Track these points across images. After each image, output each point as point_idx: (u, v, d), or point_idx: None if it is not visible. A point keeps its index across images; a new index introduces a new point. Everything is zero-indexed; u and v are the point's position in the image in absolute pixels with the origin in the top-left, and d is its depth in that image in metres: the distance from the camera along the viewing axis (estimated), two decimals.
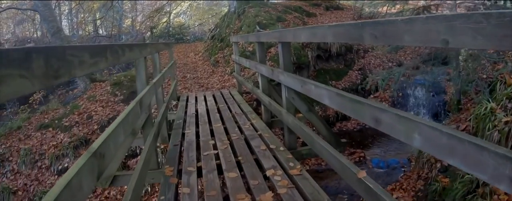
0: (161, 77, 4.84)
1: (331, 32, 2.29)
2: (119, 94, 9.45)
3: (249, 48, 10.88)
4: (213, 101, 7.25)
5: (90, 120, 8.86)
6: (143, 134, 3.83)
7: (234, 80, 9.18)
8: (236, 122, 5.46)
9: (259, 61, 5.24)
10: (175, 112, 6.85)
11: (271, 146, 4.03)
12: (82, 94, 10.95)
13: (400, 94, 11.95)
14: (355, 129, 10.92)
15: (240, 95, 7.78)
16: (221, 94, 7.99)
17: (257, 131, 4.79)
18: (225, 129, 5.12)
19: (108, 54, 2.04)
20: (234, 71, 8.99)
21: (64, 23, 29.76)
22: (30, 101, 12.76)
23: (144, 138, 3.72)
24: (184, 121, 5.83)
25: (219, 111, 6.29)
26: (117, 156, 2.94)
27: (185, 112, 6.54)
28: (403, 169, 8.15)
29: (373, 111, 1.93)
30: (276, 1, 16.39)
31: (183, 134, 5.05)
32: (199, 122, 5.61)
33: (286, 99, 3.94)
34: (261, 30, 11.19)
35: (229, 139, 4.60)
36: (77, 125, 8.92)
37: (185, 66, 13.56)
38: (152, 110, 4.30)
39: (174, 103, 7.81)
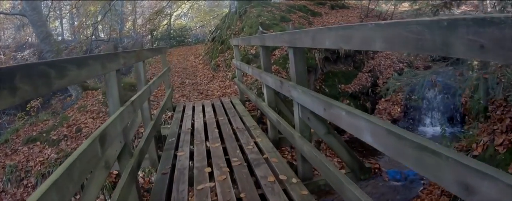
0: (146, 91, 3.97)
1: (381, 35, 1.41)
2: None
3: (251, 50, 10.01)
4: (212, 112, 6.38)
5: (79, 133, 8.00)
6: (120, 165, 2.96)
7: (236, 86, 8.30)
8: (238, 140, 4.60)
9: (264, 69, 4.36)
10: (169, 126, 5.98)
11: (281, 177, 3.17)
12: (74, 103, 10.12)
13: (413, 97, 11.07)
14: None
15: (243, 104, 6.91)
16: (221, 103, 7.13)
17: (262, 154, 3.93)
18: (225, 150, 4.26)
19: (17, 80, 1.18)
20: (235, 77, 8.15)
21: (66, 26, 29.08)
22: (27, 109, 12.06)
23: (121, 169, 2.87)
24: (178, 137, 4.97)
25: (218, 126, 5.42)
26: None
27: (180, 126, 5.69)
28: (422, 182, 7.34)
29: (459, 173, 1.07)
30: (278, 0, 15.49)
31: (175, 156, 4.20)
32: (195, 140, 4.76)
33: (300, 120, 3.07)
34: (265, 31, 10.31)
35: (229, 165, 3.73)
36: (65, 139, 8.07)
37: (184, 71, 12.70)
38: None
39: (169, 114, 6.94)
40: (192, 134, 5.15)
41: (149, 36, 24.86)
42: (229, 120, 5.72)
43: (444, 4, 7.56)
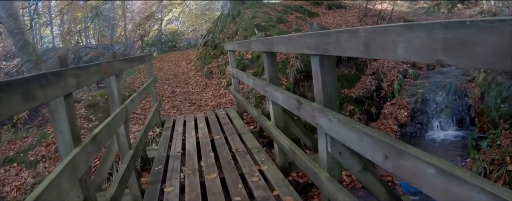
0: (120, 114, 3.06)
1: None
2: (93, 118, 7.61)
3: (247, 55, 9.11)
4: (206, 129, 5.47)
5: (57, 154, 7.05)
6: None
7: (231, 95, 7.38)
8: (239, 168, 3.71)
9: (270, 81, 3.45)
10: (156, 147, 5.07)
11: None
12: None
13: (419, 99, 10.24)
14: None
15: (240, 117, 6.02)
16: (216, 116, 6.22)
17: (272, 190, 3.05)
18: (223, 182, 3.37)
19: None
20: (231, 84, 7.27)
21: (57, 33, 27.95)
22: (14, 121, 11.13)
23: None
24: (166, 164, 4.07)
25: (214, 147, 4.52)
26: None
27: (169, 147, 4.79)
28: None
29: None
30: (273, 1, 14.65)
31: (162, 191, 3.31)
32: (186, 168, 3.85)
33: (328, 155, 2.18)
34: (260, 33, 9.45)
35: None
36: (43, 160, 7.10)
37: (175, 78, 11.76)
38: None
39: (157, 130, 6.02)
40: (183, 159, 4.24)
41: (140, 42, 24.00)
42: (226, 139, 4.83)
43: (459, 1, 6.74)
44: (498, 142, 6.05)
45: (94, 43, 24.99)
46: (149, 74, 6.33)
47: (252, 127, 6.31)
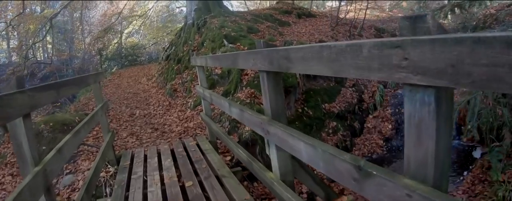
0: (35, 181, 1.70)
1: None
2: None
3: (216, 70, 7.82)
4: (173, 169, 4.10)
5: None
6: None
7: (200, 115, 6.00)
8: None
9: (272, 115, 2.17)
10: (108, 200, 3.68)
11: None
12: None
13: (402, 110, 9.37)
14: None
15: (215, 149, 4.70)
16: (185, 148, 4.88)
17: None
18: None
19: None
20: (200, 105, 5.96)
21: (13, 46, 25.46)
22: None
23: None
24: None
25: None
26: None
27: (126, 198, 3.43)
28: None
29: None
30: (240, 9, 13.53)
31: None
32: None
33: None
34: (231, 45, 8.20)
35: None
36: None
37: (135, 97, 10.25)
38: None
39: (112, 170, 4.59)
40: None
41: (98, 56, 22.26)
42: (201, 185, 3.51)
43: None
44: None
45: (54, 58, 22.94)
46: (97, 99, 4.84)
47: (229, 158, 5.04)
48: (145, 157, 4.79)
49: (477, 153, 7.26)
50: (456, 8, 5.34)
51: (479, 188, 5.68)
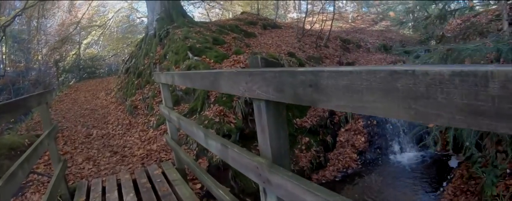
0: None
1: None
2: None
3: (180, 86, 7.06)
4: None
5: None
6: None
7: (164, 138, 5.20)
8: None
9: (273, 158, 1.50)
10: None
11: None
12: None
13: (374, 122, 9.10)
14: (336, 179, 7.67)
15: (184, 179, 3.96)
16: (149, 179, 4.11)
17: None
18: None
19: None
20: (164, 123, 5.19)
21: None
22: None
23: None
24: None
25: None
26: None
27: None
28: None
29: None
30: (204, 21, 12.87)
31: None
32: None
33: None
34: (196, 58, 7.49)
35: None
36: None
37: (92, 114, 9.24)
38: None
39: None
40: None
41: (55, 68, 20.82)
42: None
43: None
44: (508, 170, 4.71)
45: (9, 69, 21.15)
46: (44, 124, 3.93)
47: (199, 185, 4.34)
48: (103, 189, 3.98)
49: (453, 163, 7.05)
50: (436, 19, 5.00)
51: (463, 199, 5.40)
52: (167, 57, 8.61)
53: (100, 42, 25.19)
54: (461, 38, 5.51)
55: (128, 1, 23.27)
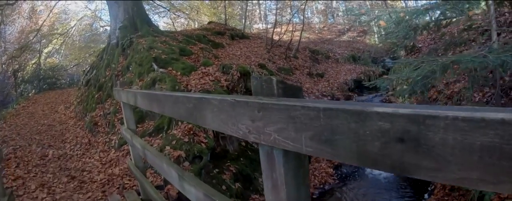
0: None
1: None
2: None
3: None
4: None
5: None
6: None
7: (127, 161, 4.52)
8: None
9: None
10: None
11: None
12: None
13: None
14: (314, 196, 7.23)
15: None
16: None
17: None
18: None
19: None
20: (127, 144, 4.54)
21: None
22: None
23: None
24: None
25: None
26: None
27: None
28: None
29: None
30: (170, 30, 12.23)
31: None
32: None
33: None
34: (161, 70, 6.88)
35: None
36: None
37: (49, 131, 8.35)
38: None
39: None
40: None
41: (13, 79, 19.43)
42: None
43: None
44: None
45: None
46: None
47: None
48: None
49: None
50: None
51: None
52: (130, 68, 7.92)
53: (62, 51, 23.81)
54: (443, 50, 5.27)
55: (91, 9, 22.18)
